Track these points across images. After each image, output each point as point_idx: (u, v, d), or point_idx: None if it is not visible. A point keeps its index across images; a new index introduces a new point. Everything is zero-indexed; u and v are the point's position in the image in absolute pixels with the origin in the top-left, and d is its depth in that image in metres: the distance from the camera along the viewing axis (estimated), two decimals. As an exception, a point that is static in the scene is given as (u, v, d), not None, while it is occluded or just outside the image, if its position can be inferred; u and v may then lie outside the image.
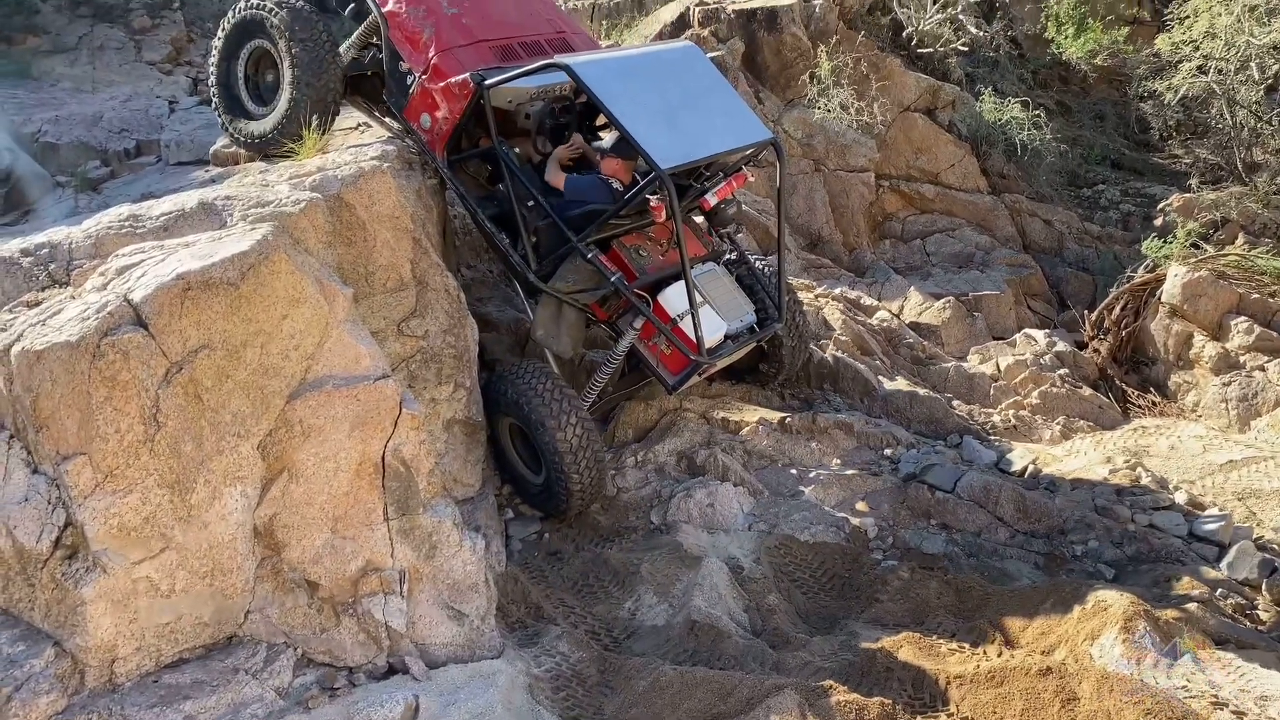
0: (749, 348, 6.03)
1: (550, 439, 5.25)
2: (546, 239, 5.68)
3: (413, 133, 5.85)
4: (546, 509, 5.68)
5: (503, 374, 5.56)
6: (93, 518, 3.36)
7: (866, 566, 5.33)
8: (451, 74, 5.63)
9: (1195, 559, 5.28)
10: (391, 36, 5.81)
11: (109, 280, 3.70)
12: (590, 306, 5.79)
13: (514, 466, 5.77)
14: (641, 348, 5.72)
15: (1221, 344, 7.67)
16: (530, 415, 5.30)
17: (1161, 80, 10.46)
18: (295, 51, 5.68)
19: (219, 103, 6.21)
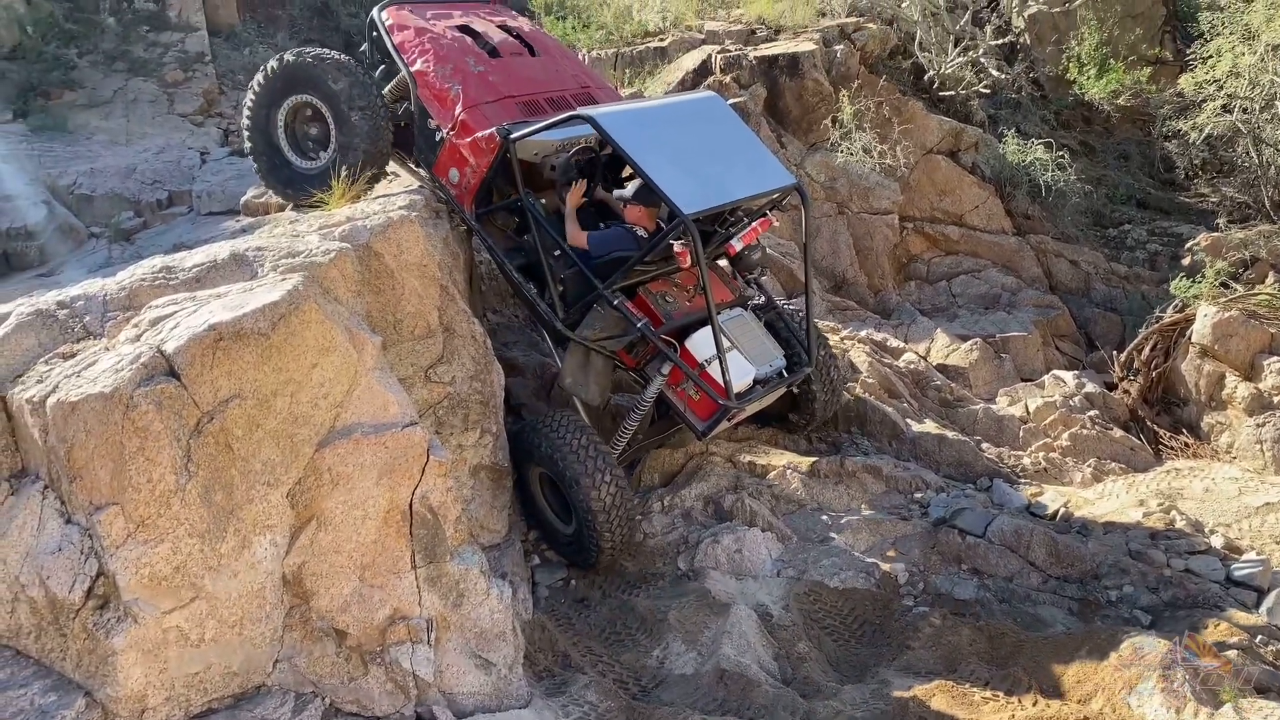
0: (779, 393, 5.99)
1: (584, 496, 5.24)
2: (573, 287, 5.72)
3: (442, 187, 5.95)
4: (575, 560, 5.65)
5: (535, 425, 5.53)
6: (124, 567, 3.38)
7: (897, 613, 5.26)
8: (478, 129, 5.73)
9: (1233, 604, 5.17)
10: (420, 95, 5.95)
11: (142, 331, 3.75)
12: (618, 354, 5.79)
13: (543, 515, 5.74)
14: (669, 394, 5.71)
15: (1254, 384, 7.57)
16: (564, 470, 5.28)
17: (1186, 119, 10.45)
18: (355, 119, 5.82)
19: (254, 148, 6.22)
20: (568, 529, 5.56)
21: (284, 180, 6.15)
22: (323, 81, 5.88)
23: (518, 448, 5.60)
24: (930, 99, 10.66)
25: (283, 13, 15.87)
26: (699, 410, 5.67)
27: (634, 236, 5.71)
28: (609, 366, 5.86)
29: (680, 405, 5.72)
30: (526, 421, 5.71)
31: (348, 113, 5.82)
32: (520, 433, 5.61)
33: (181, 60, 13.81)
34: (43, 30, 13.02)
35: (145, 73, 13.46)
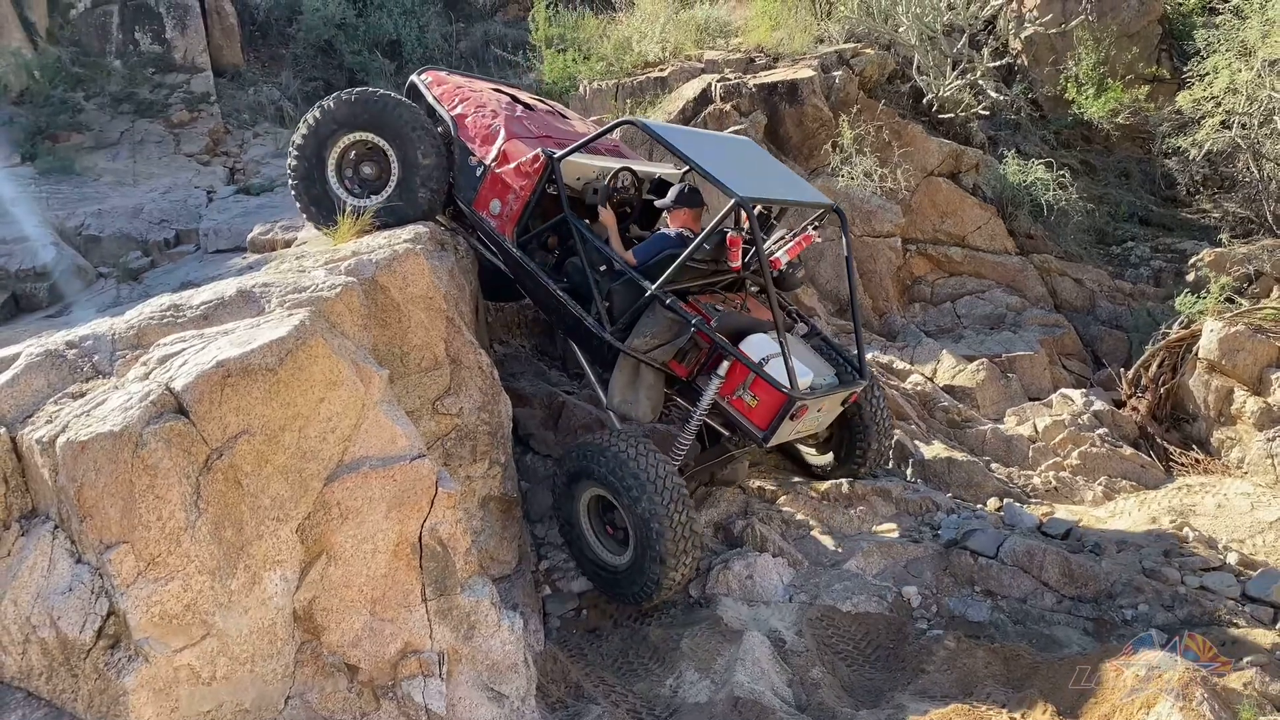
0: (839, 396, 5.81)
1: (653, 516, 5.01)
2: (620, 300, 5.69)
3: (481, 223, 6.03)
4: (627, 595, 5.35)
5: (595, 443, 5.36)
6: (135, 606, 3.38)
7: (911, 636, 5.23)
8: (521, 155, 5.90)
9: (1250, 621, 5.14)
10: (461, 135, 6.13)
11: (151, 369, 3.77)
12: (669, 365, 5.71)
13: (588, 547, 5.53)
14: (725, 406, 5.56)
15: (1263, 398, 7.55)
16: (630, 488, 5.07)
17: (1185, 136, 10.48)
18: (427, 165, 5.97)
19: (299, 184, 6.18)
20: (619, 559, 5.35)
21: (326, 211, 6.08)
22: (398, 128, 5.98)
23: (568, 471, 5.43)
24: (930, 122, 10.71)
25: (286, 52, 16.00)
26: (758, 418, 5.45)
27: (680, 238, 5.75)
28: (660, 380, 5.76)
29: (737, 415, 5.53)
30: (582, 441, 5.52)
31: (420, 157, 5.95)
32: (574, 453, 5.43)
33: (187, 101, 13.92)
34: (50, 75, 13.16)
35: (151, 114, 13.57)
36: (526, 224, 5.96)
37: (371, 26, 15.16)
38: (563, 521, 5.63)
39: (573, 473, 5.41)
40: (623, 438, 5.28)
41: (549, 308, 6.08)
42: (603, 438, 5.37)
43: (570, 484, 5.45)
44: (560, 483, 5.52)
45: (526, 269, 5.92)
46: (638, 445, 5.21)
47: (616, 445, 5.22)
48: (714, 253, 5.77)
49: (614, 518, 5.44)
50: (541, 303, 6.14)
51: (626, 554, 5.29)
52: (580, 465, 5.34)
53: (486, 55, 14.65)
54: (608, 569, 5.43)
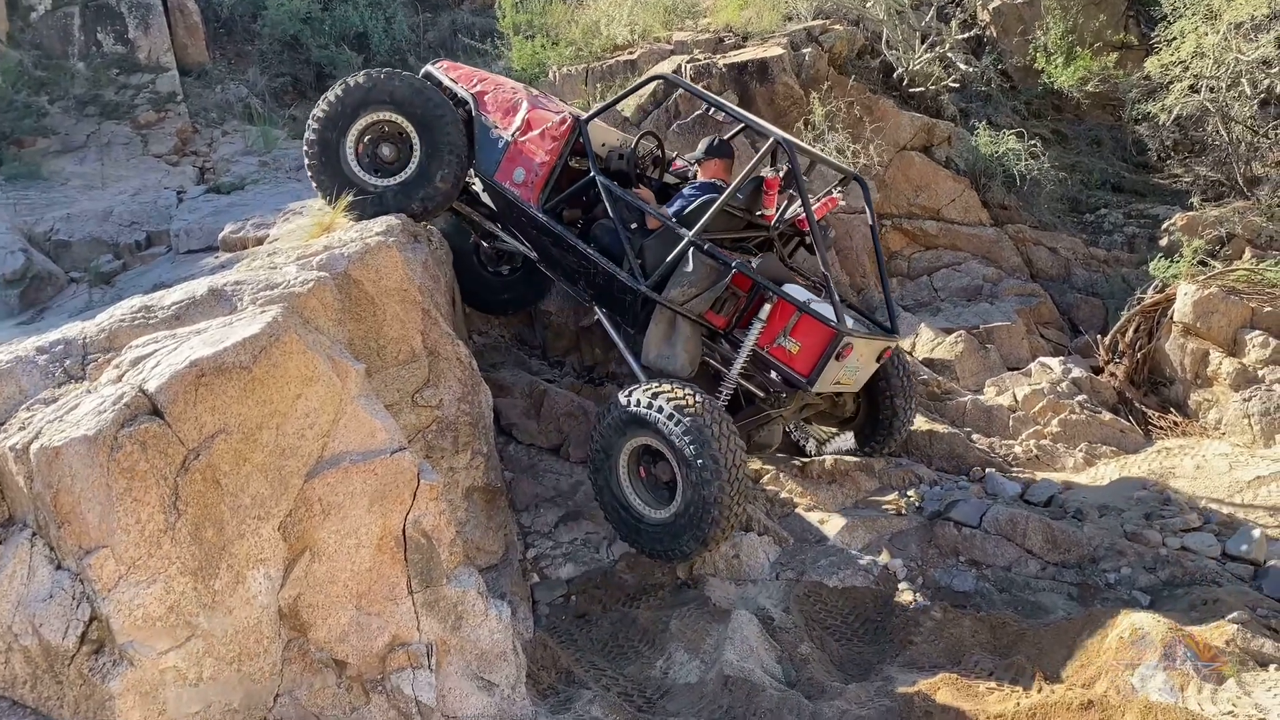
0: (878, 345, 5.85)
1: (708, 458, 4.93)
2: (653, 255, 5.71)
3: (503, 194, 6.05)
4: (671, 549, 5.25)
5: (642, 389, 5.27)
6: (117, 610, 3.36)
7: (898, 609, 5.27)
8: (545, 123, 5.96)
9: (1231, 579, 5.20)
10: (482, 111, 6.16)
11: (124, 372, 3.74)
12: (705, 316, 5.71)
13: (626, 502, 5.41)
14: (764, 354, 5.57)
15: (1238, 359, 7.60)
16: (682, 432, 4.99)
17: (1154, 102, 10.51)
18: (450, 156, 5.99)
19: (315, 161, 6.11)
20: (662, 513, 5.26)
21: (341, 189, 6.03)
22: (426, 113, 6.00)
23: (617, 418, 5.30)
24: (901, 96, 10.68)
25: (252, 48, 15.85)
26: (800, 363, 5.45)
27: (713, 186, 5.81)
28: (697, 332, 5.76)
29: (778, 364, 5.53)
30: (626, 390, 5.37)
31: (448, 142, 5.98)
32: (619, 402, 5.31)
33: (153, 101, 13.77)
34: (12, 79, 12.98)
35: (117, 116, 13.42)
36: (552, 190, 5.97)
37: (337, 20, 15.04)
38: (597, 472, 5.49)
39: (622, 420, 5.28)
40: (675, 385, 5.20)
41: (576, 274, 6.07)
42: (653, 383, 5.29)
43: (616, 432, 5.33)
44: (604, 430, 5.39)
45: (554, 232, 5.92)
46: (692, 392, 5.14)
47: (671, 391, 5.14)
48: (749, 200, 5.88)
49: (657, 471, 5.38)
50: (567, 271, 6.14)
51: (669, 508, 5.22)
52: (633, 413, 5.22)
53: (455, 45, 14.55)
54: (644, 523, 5.35)
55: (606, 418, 5.39)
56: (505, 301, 7.62)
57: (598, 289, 6.02)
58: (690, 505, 5.05)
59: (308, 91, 15.07)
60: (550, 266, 6.33)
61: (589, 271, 5.95)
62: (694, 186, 5.99)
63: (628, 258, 5.70)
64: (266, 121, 13.52)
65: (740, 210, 5.92)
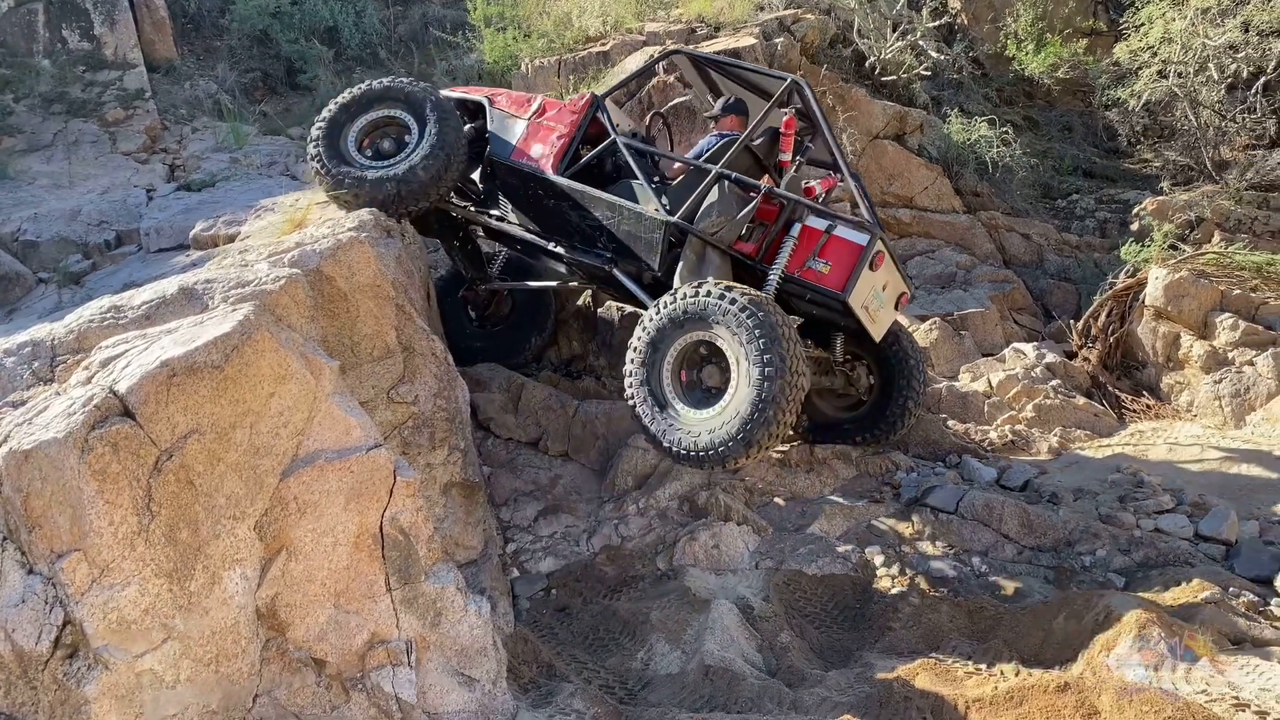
0: (899, 278, 6.03)
1: (775, 349, 4.90)
2: (677, 197, 5.87)
3: (519, 168, 6.28)
4: (707, 449, 5.10)
5: (699, 289, 5.25)
6: (91, 614, 3.32)
7: (876, 595, 5.30)
8: (559, 104, 6.41)
9: (1204, 560, 5.27)
10: (497, 107, 6.55)
11: (93, 373, 3.70)
12: (735, 246, 5.82)
13: (666, 401, 5.31)
14: (797, 278, 5.66)
15: (1209, 342, 7.69)
16: (755, 323, 4.96)
17: (1124, 88, 10.59)
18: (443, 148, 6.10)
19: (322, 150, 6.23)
20: (700, 413, 5.18)
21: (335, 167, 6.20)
22: (408, 96, 6.27)
23: (669, 315, 5.27)
24: (873, 85, 10.72)
25: (221, 43, 15.67)
26: (832, 280, 5.57)
27: (732, 135, 6.06)
28: (727, 263, 5.87)
29: (811, 285, 5.63)
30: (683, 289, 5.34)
31: (438, 132, 6.13)
32: (684, 294, 5.28)
33: (121, 98, 13.58)
34: (-25, 78, 12.82)
35: (85, 113, 13.23)
36: (573, 157, 6.21)
37: (307, 14, 14.87)
38: (641, 366, 5.40)
39: (682, 313, 5.24)
40: (730, 286, 5.19)
41: (595, 234, 6.14)
42: (705, 283, 5.27)
43: (674, 325, 5.28)
44: (659, 323, 5.33)
45: (574, 194, 6.08)
46: (750, 293, 5.15)
47: (730, 291, 5.14)
48: (766, 150, 6.14)
49: (703, 375, 5.39)
50: (585, 234, 6.21)
51: (709, 410, 5.17)
52: (698, 305, 5.18)
53: (426, 38, 14.45)
54: (679, 419, 5.25)
55: (665, 309, 5.33)
56: (487, 350, 7.59)
57: (619, 242, 6.04)
58: (744, 404, 4.99)
59: (278, 87, 14.93)
60: (565, 237, 6.35)
61: (612, 225, 6.02)
62: (713, 136, 6.23)
63: (654, 201, 5.86)
64: (237, 117, 13.38)
65: (760, 156, 6.13)
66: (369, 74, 13.94)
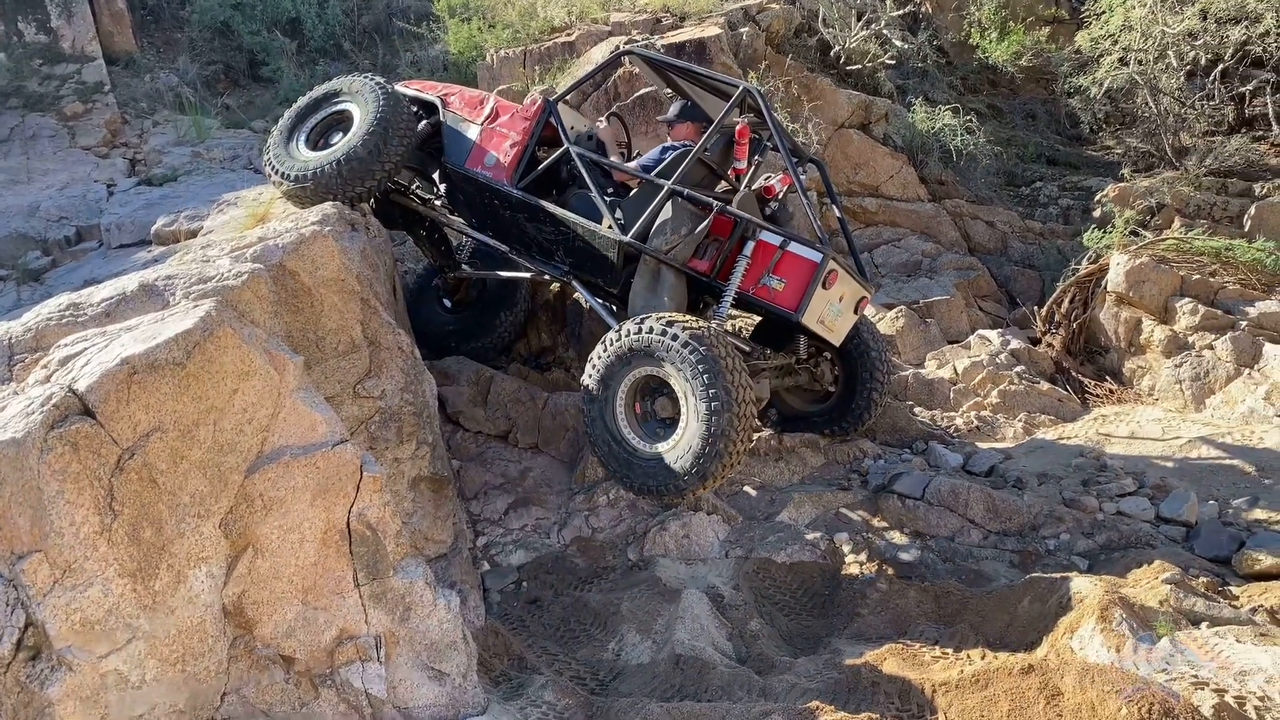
0: (857, 289, 6.01)
1: (720, 383, 4.90)
2: (631, 211, 5.80)
3: (474, 177, 6.19)
4: (666, 484, 5.16)
5: (652, 320, 5.22)
6: (53, 615, 3.29)
7: (845, 582, 5.34)
8: (512, 109, 6.25)
9: (1165, 541, 5.35)
10: (450, 109, 6.47)
11: (52, 372, 3.65)
12: (689, 264, 5.76)
13: (621, 437, 5.34)
14: (751, 296, 5.66)
15: (1170, 327, 7.80)
16: (694, 361, 4.96)
17: (1086, 75, 10.70)
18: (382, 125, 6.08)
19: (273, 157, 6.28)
20: (656, 447, 5.22)
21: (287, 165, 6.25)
22: (352, 87, 6.34)
23: (625, 347, 5.26)
24: (838, 74, 10.76)
25: (182, 35, 15.47)
26: (786, 299, 5.55)
27: (684, 146, 5.95)
28: (681, 281, 5.83)
29: (765, 303, 5.64)
30: (635, 322, 5.32)
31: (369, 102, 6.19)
32: (629, 330, 5.27)
33: (80, 92, 13.40)
34: (-71, 72, 12.60)
35: (42, 107, 13.05)
36: (525, 170, 6.12)
37: (269, 5, 14.72)
38: (592, 403, 5.42)
39: (629, 349, 5.24)
40: (679, 319, 5.17)
41: (553, 246, 6.13)
42: (657, 315, 5.25)
43: (621, 362, 5.28)
44: (607, 359, 5.33)
45: (531, 206, 6.01)
46: (700, 325, 5.12)
47: (677, 324, 5.11)
48: (721, 157, 6.08)
49: (655, 407, 5.38)
50: (543, 246, 6.19)
51: (661, 444, 5.20)
52: (643, 341, 5.18)
53: (390, 29, 14.36)
54: (637, 457, 5.28)
55: (611, 346, 5.32)
56: (461, 333, 7.57)
57: (576, 255, 6.05)
58: (694, 439, 5.02)
59: (240, 79, 14.78)
60: (523, 247, 6.34)
61: (567, 239, 6.00)
62: (664, 147, 6.10)
63: (607, 217, 5.79)
64: (198, 111, 13.23)
65: (714, 165, 6.08)
66: (332, 66, 13.86)
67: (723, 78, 6.04)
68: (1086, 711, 3.59)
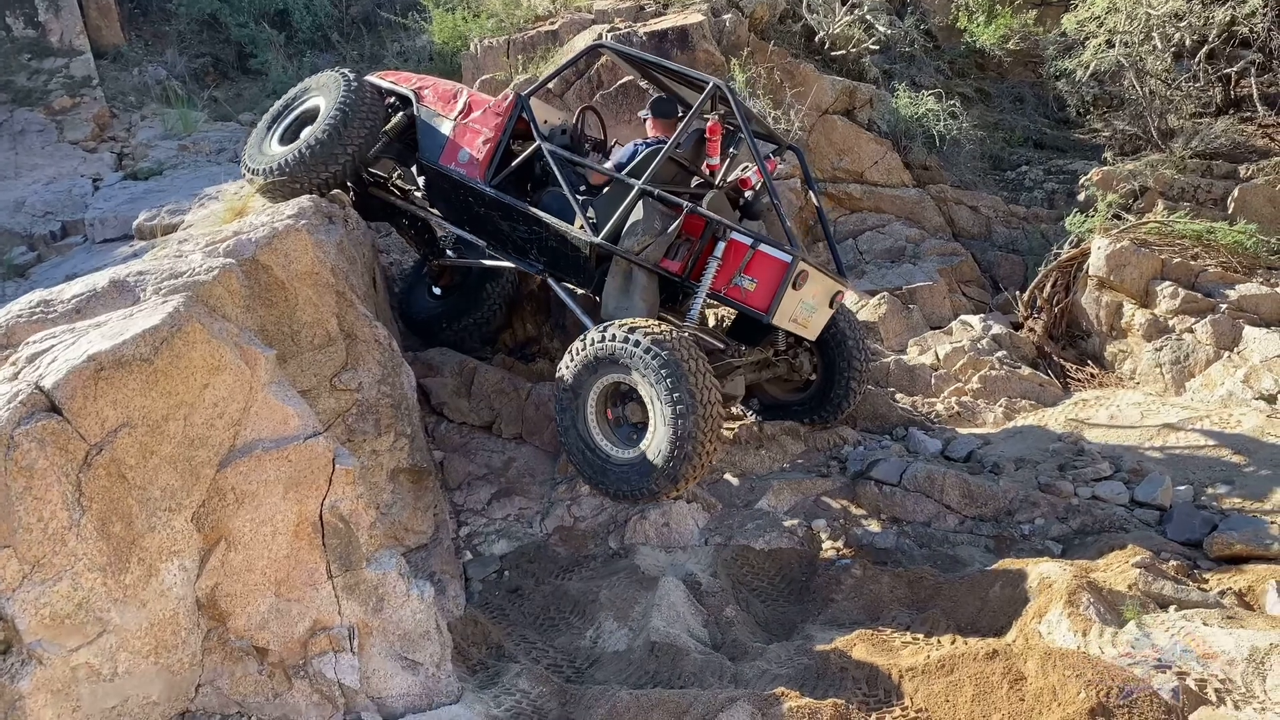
0: (830, 285, 6.03)
1: (685, 391, 4.96)
2: (603, 213, 5.81)
3: (448, 175, 6.20)
4: (640, 488, 5.30)
5: (619, 328, 5.27)
6: (23, 610, 3.32)
7: (821, 568, 5.38)
8: (485, 104, 6.21)
9: (1139, 525, 5.38)
10: (423, 104, 6.39)
11: (19, 369, 3.68)
12: (661, 265, 5.77)
13: (594, 444, 5.46)
14: (722, 297, 5.70)
15: (1150, 310, 7.82)
16: (659, 368, 5.02)
17: (1072, 58, 10.68)
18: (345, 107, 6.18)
19: (247, 158, 6.40)
20: (630, 453, 5.33)
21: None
22: (320, 83, 6.44)
23: (591, 356, 5.32)
24: (823, 60, 10.75)
25: (170, 28, 15.45)
26: (757, 299, 5.58)
27: (657, 142, 5.95)
28: (653, 282, 5.84)
29: (736, 303, 5.67)
30: (602, 329, 5.39)
31: (333, 91, 6.29)
32: (592, 339, 5.34)
33: (68, 86, 13.40)
34: (-84, 67, 12.60)
35: (30, 102, 13.05)
36: (498, 166, 6.11)
37: (256, -3, 14.72)
38: (564, 412, 5.50)
39: (595, 358, 5.30)
40: (648, 325, 5.21)
41: (527, 244, 6.14)
42: (627, 323, 5.28)
43: (588, 370, 5.35)
44: (574, 369, 5.40)
45: (504, 204, 6.01)
46: (667, 331, 5.16)
47: (645, 331, 5.15)
48: (693, 154, 6.05)
49: (626, 412, 5.43)
50: (517, 244, 6.21)
51: (637, 448, 5.29)
52: (606, 349, 5.24)
53: (376, 20, 14.33)
54: (611, 463, 5.40)
55: (577, 356, 5.39)
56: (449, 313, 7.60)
57: (550, 255, 6.08)
58: (663, 443, 5.10)
59: (229, 71, 14.78)
60: (499, 244, 6.35)
61: (541, 238, 6.02)
62: (636, 144, 6.11)
63: (579, 217, 5.79)
64: (186, 103, 13.23)
65: (686, 162, 6.05)
66: (320, 57, 13.85)
67: (692, 73, 6.01)
68: (1048, 696, 3.63)
